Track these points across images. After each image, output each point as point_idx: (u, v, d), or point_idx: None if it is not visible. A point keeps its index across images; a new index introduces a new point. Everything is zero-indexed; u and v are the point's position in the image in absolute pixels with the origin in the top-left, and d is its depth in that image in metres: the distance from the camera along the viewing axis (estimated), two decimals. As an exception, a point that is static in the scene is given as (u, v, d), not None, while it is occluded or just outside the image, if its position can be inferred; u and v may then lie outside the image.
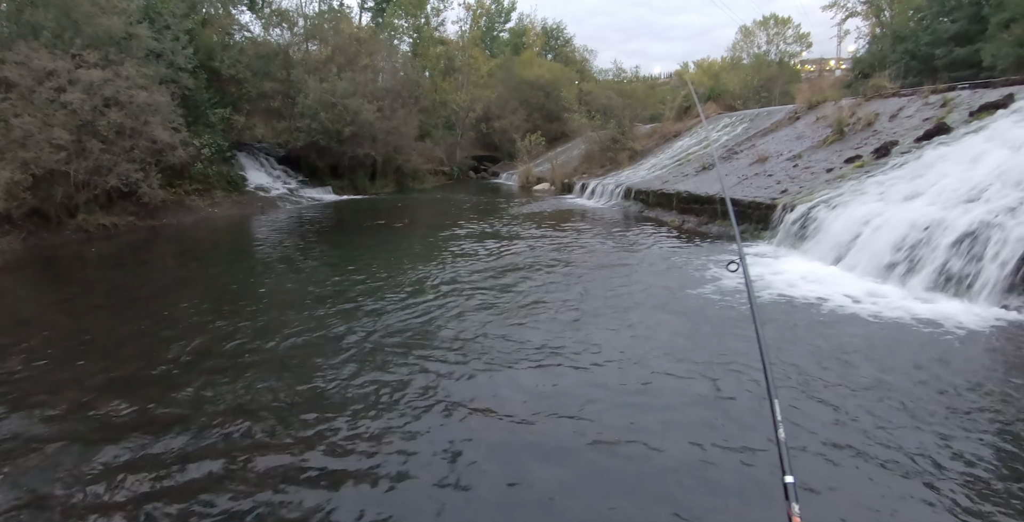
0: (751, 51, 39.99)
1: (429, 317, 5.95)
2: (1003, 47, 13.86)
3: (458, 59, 35.56)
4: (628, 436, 3.44)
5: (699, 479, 3.00)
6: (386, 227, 14.11)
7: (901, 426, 3.45)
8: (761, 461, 3.09)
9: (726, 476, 3.01)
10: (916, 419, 3.54)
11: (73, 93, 11.92)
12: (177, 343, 5.29)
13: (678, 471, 3.07)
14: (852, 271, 7.14)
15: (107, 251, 11.23)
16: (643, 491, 2.92)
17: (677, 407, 3.82)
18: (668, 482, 2.99)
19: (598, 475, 3.06)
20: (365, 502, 2.89)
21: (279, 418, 3.78)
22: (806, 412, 3.64)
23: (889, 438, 3.32)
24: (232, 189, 18.69)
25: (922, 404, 3.73)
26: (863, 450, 3.20)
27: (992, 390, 3.92)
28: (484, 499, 2.90)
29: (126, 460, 3.31)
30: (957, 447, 3.21)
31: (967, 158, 7.68)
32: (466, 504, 2.86)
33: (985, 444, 3.24)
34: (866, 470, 3.02)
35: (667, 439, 3.39)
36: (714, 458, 3.19)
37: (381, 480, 3.07)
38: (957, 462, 3.07)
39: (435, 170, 32.06)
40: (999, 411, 3.63)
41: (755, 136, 15.78)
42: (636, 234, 11.36)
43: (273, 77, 21.64)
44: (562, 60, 45.90)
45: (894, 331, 5.20)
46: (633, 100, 22.25)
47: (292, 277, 8.36)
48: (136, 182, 13.14)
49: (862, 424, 3.48)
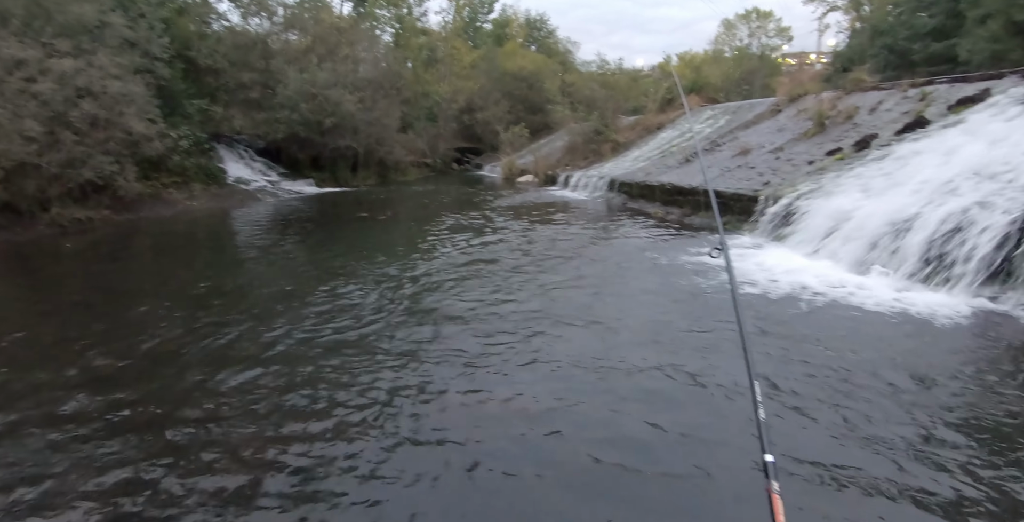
0: (733, 44, 40.20)
1: (411, 312, 5.90)
2: (979, 42, 14.06)
3: (440, 50, 35.31)
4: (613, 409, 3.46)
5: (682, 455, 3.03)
6: (369, 220, 14.01)
7: (874, 411, 3.51)
8: (740, 439, 3.15)
9: (707, 453, 3.04)
10: (891, 404, 3.60)
11: (44, 83, 11.59)
12: (154, 340, 5.18)
13: (663, 448, 3.10)
14: (832, 262, 7.23)
15: (82, 246, 10.99)
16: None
17: (661, 391, 3.85)
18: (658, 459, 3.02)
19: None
20: (344, 488, 2.88)
21: (256, 412, 3.73)
22: (783, 398, 3.68)
23: (862, 421, 3.37)
24: (211, 182, 18.38)
25: (895, 390, 3.79)
26: (836, 432, 3.27)
27: (963, 377, 4.00)
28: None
29: (100, 455, 3.25)
30: (926, 429, 3.27)
31: (945, 151, 7.80)
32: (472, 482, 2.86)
33: (955, 426, 3.31)
34: (843, 451, 3.07)
35: (654, 415, 3.42)
36: (694, 434, 3.27)
37: (365, 465, 3.05)
38: (926, 443, 3.13)
39: (418, 162, 31.82)
40: (973, 400, 3.70)
41: (737, 128, 15.88)
42: (620, 225, 11.39)
43: (252, 67, 21.24)
44: (545, 51, 45.68)
45: (872, 321, 5.28)
46: (616, 92, 22.29)
47: (272, 271, 8.26)
48: (111, 175, 12.84)
49: (837, 410, 3.53)
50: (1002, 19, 13.22)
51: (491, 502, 2.85)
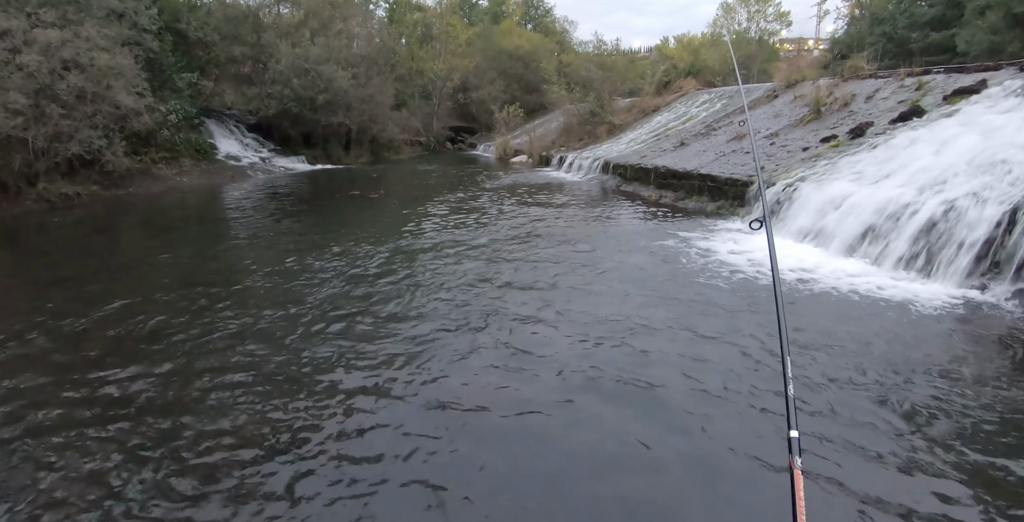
0: (731, 28, 39.74)
1: (400, 293, 5.90)
2: (977, 33, 14.00)
3: (435, 27, 34.69)
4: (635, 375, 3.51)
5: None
6: (361, 198, 13.93)
7: (861, 392, 3.58)
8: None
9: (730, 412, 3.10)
10: (876, 386, 3.67)
11: (29, 55, 11.33)
12: (144, 318, 5.17)
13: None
14: (824, 249, 7.29)
15: (70, 221, 10.87)
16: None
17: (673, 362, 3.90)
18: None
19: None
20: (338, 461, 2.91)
21: (245, 394, 3.75)
22: (771, 376, 3.74)
23: (854, 401, 3.44)
24: (201, 158, 18.16)
25: (880, 373, 3.86)
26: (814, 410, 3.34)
27: (948, 363, 4.07)
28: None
29: (93, 437, 3.26)
30: (904, 406, 3.34)
31: (939, 141, 7.81)
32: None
33: (936, 408, 3.38)
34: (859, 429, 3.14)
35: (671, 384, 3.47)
36: (716, 396, 3.35)
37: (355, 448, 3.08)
38: (907, 420, 3.20)
39: (411, 140, 31.52)
40: (957, 384, 3.77)
41: (733, 113, 15.80)
42: (614, 208, 11.39)
43: (243, 41, 20.84)
44: (542, 31, 45.01)
45: (860, 307, 5.35)
46: (613, 73, 22.05)
47: (262, 248, 8.21)
48: (99, 149, 12.65)
49: (818, 391, 3.60)
50: (1001, 11, 13.16)
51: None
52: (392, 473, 2.96)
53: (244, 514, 2.67)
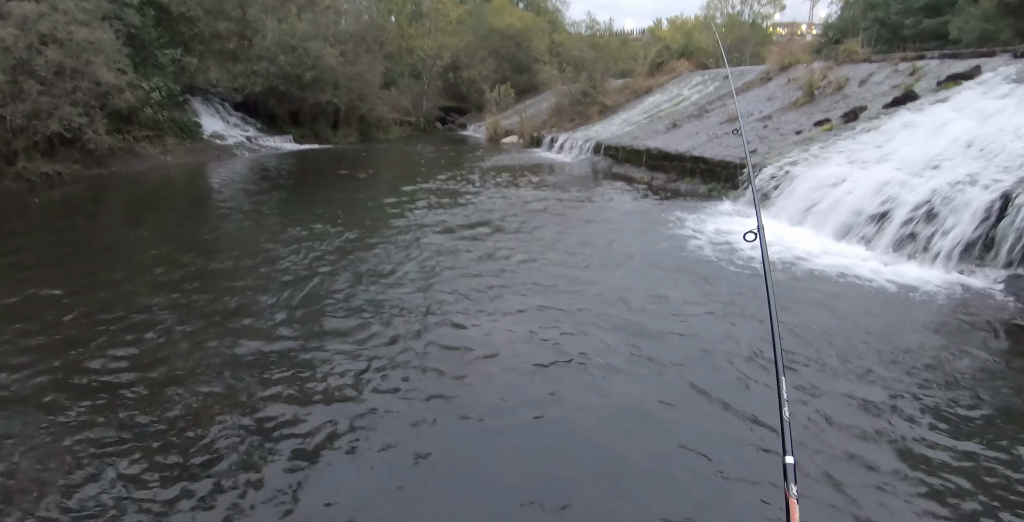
0: (725, 10, 39.27)
1: (393, 273, 5.84)
2: (970, 21, 13.89)
3: (425, 3, 34.02)
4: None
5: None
6: (349, 177, 13.76)
7: (847, 373, 3.59)
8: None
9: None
10: (865, 369, 3.69)
11: (5, 28, 10.94)
12: (125, 302, 5.07)
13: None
14: (816, 232, 7.30)
15: (51, 201, 10.64)
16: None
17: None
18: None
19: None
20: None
21: (224, 378, 3.69)
22: (761, 361, 3.75)
23: (840, 386, 3.46)
24: (185, 136, 17.79)
25: (869, 355, 3.88)
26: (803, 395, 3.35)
27: (938, 349, 4.10)
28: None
29: (73, 425, 3.20)
30: (892, 391, 3.36)
31: (932, 126, 7.80)
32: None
33: (920, 396, 3.40)
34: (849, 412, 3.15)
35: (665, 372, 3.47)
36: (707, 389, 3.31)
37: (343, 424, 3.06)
38: (894, 412, 3.22)
39: (400, 120, 31.07)
40: (943, 366, 3.80)
41: (726, 95, 15.69)
42: (606, 189, 11.33)
43: (227, 16, 20.29)
44: (534, 9, 44.23)
45: (852, 290, 5.38)
46: (605, 54, 21.77)
47: (248, 228, 8.10)
48: (80, 127, 12.33)
49: (798, 374, 3.61)
50: (995, -1, 13.04)
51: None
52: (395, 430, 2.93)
53: (229, 495, 2.64)
